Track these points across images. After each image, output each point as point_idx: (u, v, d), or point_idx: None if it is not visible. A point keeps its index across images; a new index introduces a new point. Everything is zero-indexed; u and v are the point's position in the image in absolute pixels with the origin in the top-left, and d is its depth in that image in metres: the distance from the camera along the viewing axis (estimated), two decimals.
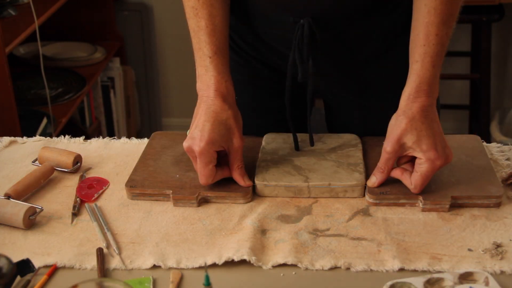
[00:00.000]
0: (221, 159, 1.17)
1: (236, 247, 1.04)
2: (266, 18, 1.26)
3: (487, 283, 0.95)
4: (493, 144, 1.32)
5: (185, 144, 1.15)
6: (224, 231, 1.09)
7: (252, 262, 1.01)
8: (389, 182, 1.16)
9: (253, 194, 1.18)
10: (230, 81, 1.18)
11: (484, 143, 1.30)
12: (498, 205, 1.13)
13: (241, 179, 1.17)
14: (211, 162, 1.13)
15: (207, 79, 1.16)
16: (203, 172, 1.14)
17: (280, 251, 1.04)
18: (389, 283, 0.95)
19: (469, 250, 1.03)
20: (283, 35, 1.25)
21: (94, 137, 1.42)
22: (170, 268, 1.02)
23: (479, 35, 2.86)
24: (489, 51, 2.84)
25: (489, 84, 2.93)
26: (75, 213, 1.14)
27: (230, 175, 1.17)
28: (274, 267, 1.01)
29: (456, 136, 1.30)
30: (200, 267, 1.01)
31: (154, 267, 1.02)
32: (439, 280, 0.96)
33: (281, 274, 1.00)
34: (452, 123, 3.20)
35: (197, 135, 1.13)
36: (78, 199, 1.18)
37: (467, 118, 3.15)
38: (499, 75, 3.15)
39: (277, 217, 1.12)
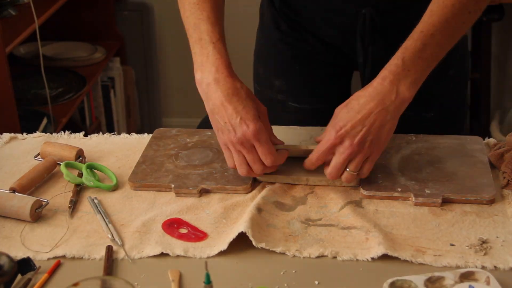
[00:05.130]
0: None
1: (236, 227, 1.05)
2: (329, 7, 1.33)
3: (488, 283, 0.94)
4: (492, 140, 1.31)
5: (229, 137, 1.09)
6: (228, 220, 1.10)
7: (248, 234, 1.01)
8: (384, 175, 1.17)
9: (254, 181, 1.19)
10: (231, 65, 1.15)
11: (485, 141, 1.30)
12: (491, 202, 1.12)
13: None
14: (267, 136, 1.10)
15: (209, 65, 1.12)
16: (268, 150, 1.09)
17: (269, 236, 1.05)
18: (390, 280, 0.94)
19: (451, 245, 1.03)
20: (344, 22, 1.33)
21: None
22: (178, 256, 1.02)
23: (479, 35, 2.86)
24: (489, 51, 2.84)
25: (489, 84, 2.93)
26: (70, 206, 1.14)
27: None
28: (271, 259, 1.01)
29: (459, 136, 1.30)
30: (201, 259, 1.02)
31: (161, 255, 1.02)
32: (440, 278, 0.95)
33: (281, 273, 0.99)
34: None
35: (237, 122, 1.07)
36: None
37: (467, 118, 3.14)
38: (499, 75, 3.15)
39: (273, 202, 1.13)
